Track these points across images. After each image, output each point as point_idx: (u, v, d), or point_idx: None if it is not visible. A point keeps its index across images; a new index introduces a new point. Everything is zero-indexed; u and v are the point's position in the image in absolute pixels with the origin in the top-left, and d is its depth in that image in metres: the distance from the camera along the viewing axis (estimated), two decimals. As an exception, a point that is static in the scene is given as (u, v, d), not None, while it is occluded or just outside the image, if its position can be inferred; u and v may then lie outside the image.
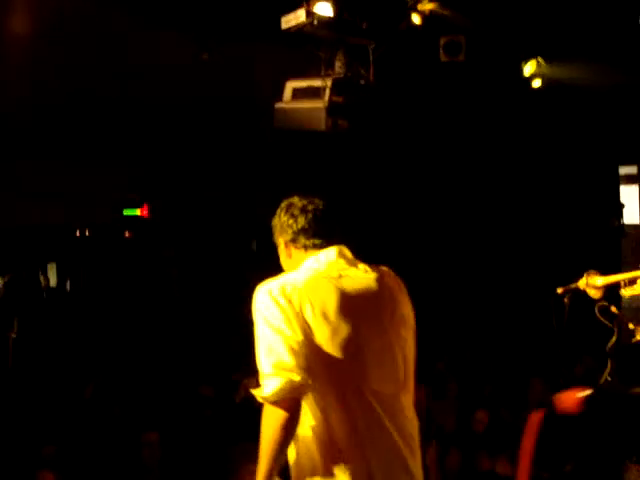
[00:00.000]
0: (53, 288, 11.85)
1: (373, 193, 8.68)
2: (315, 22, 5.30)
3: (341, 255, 2.95)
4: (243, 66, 6.59)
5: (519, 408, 6.84)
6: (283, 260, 3.05)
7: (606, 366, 4.60)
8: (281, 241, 3.02)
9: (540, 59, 8.44)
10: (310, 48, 5.48)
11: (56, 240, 9.95)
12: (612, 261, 10.06)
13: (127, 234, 9.50)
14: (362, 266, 2.98)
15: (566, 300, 4.81)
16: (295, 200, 3.00)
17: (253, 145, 7.38)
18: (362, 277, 2.95)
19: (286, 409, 2.71)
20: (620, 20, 7.55)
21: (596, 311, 4.77)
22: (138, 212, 8.56)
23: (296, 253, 2.99)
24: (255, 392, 2.79)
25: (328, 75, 5.35)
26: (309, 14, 5.33)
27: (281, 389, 2.70)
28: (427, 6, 7.60)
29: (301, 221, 2.95)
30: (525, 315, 8.53)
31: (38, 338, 9.22)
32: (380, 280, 2.97)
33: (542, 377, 7.27)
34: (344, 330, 2.82)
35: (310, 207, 2.96)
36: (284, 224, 2.99)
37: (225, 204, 8.92)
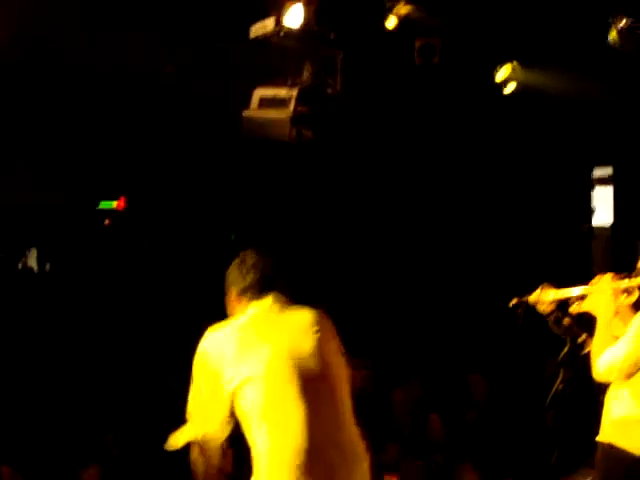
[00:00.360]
0: (33, 271, 12.02)
1: (341, 201, 8.79)
2: (282, 33, 5.40)
3: (276, 300, 3.35)
4: (216, 68, 6.70)
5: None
6: (231, 307, 3.44)
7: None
8: (232, 290, 3.41)
9: (515, 63, 8.55)
10: (278, 57, 5.57)
11: (36, 226, 10.08)
12: (583, 263, 10.22)
13: (107, 222, 9.61)
14: (295, 308, 3.37)
15: (519, 311, 4.96)
16: (248, 256, 3.41)
17: (228, 141, 7.46)
18: (295, 317, 3.35)
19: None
20: (593, 27, 7.64)
21: (549, 322, 4.94)
22: (114, 204, 8.69)
23: (243, 303, 3.38)
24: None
25: (295, 85, 5.44)
26: (277, 24, 5.42)
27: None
28: (402, 10, 7.69)
29: (249, 278, 3.35)
30: (487, 318, 8.67)
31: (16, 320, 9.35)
32: (311, 319, 3.34)
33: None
34: (281, 366, 3.17)
35: (260, 265, 3.38)
36: (236, 277, 3.39)
37: (204, 196, 9.03)
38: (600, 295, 4.35)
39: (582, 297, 4.61)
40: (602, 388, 4.45)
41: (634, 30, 7.04)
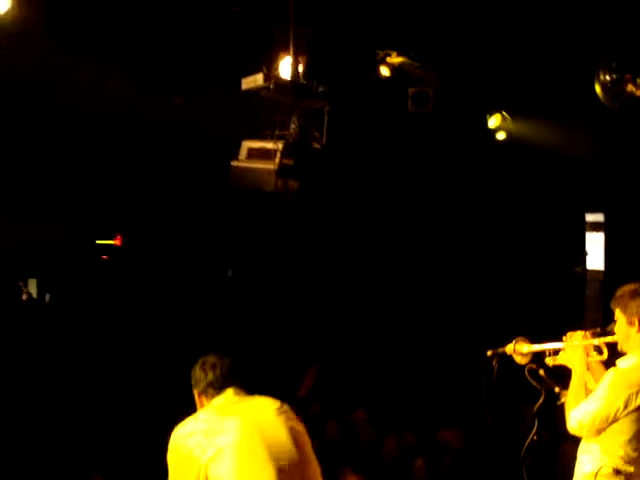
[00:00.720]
0: (34, 300, 12.21)
1: (329, 246, 8.89)
2: (272, 86, 5.59)
3: (237, 393, 3.58)
4: (210, 113, 6.90)
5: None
6: (198, 406, 3.67)
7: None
8: (195, 392, 3.66)
9: (505, 113, 8.73)
10: (267, 110, 5.76)
11: (36, 259, 10.27)
12: (576, 306, 10.34)
13: (104, 257, 9.78)
14: (256, 399, 3.59)
15: (494, 363, 5.08)
16: (209, 358, 3.66)
17: (223, 184, 7.62)
18: (259, 401, 3.59)
19: None
20: (580, 80, 7.81)
21: (525, 373, 5.06)
22: (112, 242, 8.90)
23: (206, 401, 3.62)
24: None
25: (282, 137, 5.62)
26: (267, 78, 5.61)
27: None
28: (395, 59, 7.90)
29: (209, 376, 3.60)
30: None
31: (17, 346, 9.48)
32: (276, 404, 3.56)
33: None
34: (251, 435, 3.40)
35: (219, 364, 3.62)
36: (198, 378, 3.65)
37: (201, 233, 9.17)
38: (572, 351, 4.48)
39: (556, 352, 4.73)
40: (576, 440, 4.55)
41: (618, 86, 7.15)
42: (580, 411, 4.22)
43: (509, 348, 5.19)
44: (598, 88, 7.25)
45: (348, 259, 8.96)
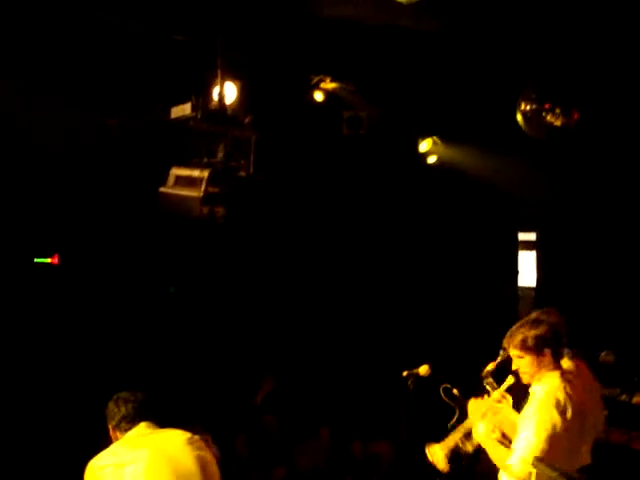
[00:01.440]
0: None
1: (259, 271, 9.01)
2: (199, 116, 5.77)
3: (149, 426, 3.81)
4: (145, 138, 7.04)
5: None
6: (112, 440, 3.86)
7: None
8: (109, 426, 3.87)
9: (436, 138, 9.02)
10: (193, 138, 5.93)
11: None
12: (509, 322, 10.60)
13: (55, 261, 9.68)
14: (166, 431, 3.82)
15: (410, 384, 5.30)
16: (122, 394, 3.89)
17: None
18: (170, 433, 3.83)
19: None
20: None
21: (440, 392, 5.30)
22: (49, 260, 8.94)
23: (120, 435, 3.84)
24: None
25: (209, 165, 5.80)
26: (195, 107, 5.79)
27: None
28: (329, 85, 8.13)
29: (122, 410, 3.83)
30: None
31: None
32: (186, 436, 3.80)
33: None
34: (160, 465, 3.64)
35: (132, 398, 3.86)
36: (112, 412, 3.88)
37: (139, 251, 9.22)
38: (482, 438, 4.58)
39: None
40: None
41: (538, 116, 7.42)
42: (518, 455, 4.23)
43: (423, 369, 5.46)
44: (519, 118, 7.54)
45: (273, 283, 9.09)
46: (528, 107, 7.43)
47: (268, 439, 8.00)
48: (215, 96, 6.12)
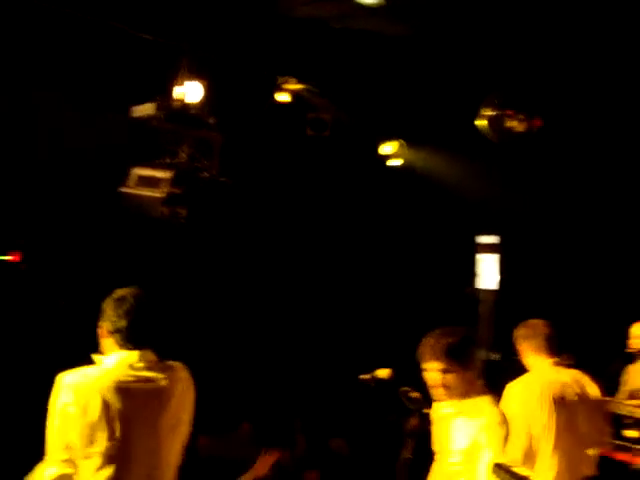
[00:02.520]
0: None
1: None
2: (162, 115, 5.76)
3: (141, 359, 3.39)
4: (109, 136, 7.00)
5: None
6: (100, 340, 3.51)
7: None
8: (103, 326, 3.47)
9: (401, 141, 9.10)
10: (157, 138, 5.91)
11: None
12: (470, 324, 10.72)
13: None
14: (157, 371, 3.42)
15: (372, 384, 5.35)
16: (126, 297, 3.41)
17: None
18: (151, 382, 3.42)
19: None
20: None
21: (399, 394, 5.34)
22: (9, 258, 8.84)
23: (109, 342, 3.44)
24: None
25: (172, 166, 5.78)
26: (159, 107, 5.78)
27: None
28: (294, 86, 8.15)
29: (122, 322, 3.38)
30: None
31: None
32: (168, 388, 3.45)
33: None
34: (117, 428, 3.27)
35: (133, 311, 3.38)
36: (110, 317, 3.43)
37: (103, 250, 9.17)
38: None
39: None
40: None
41: (500, 121, 7.54)
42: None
43: (382, 372, 5.50)
44: (482, 123, 7.65)
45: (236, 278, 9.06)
46: (490, 113, 7.54)
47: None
48: (180, 96, 6.10)
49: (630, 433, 6.43)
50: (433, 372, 4.15)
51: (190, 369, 3.61)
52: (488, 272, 11.15)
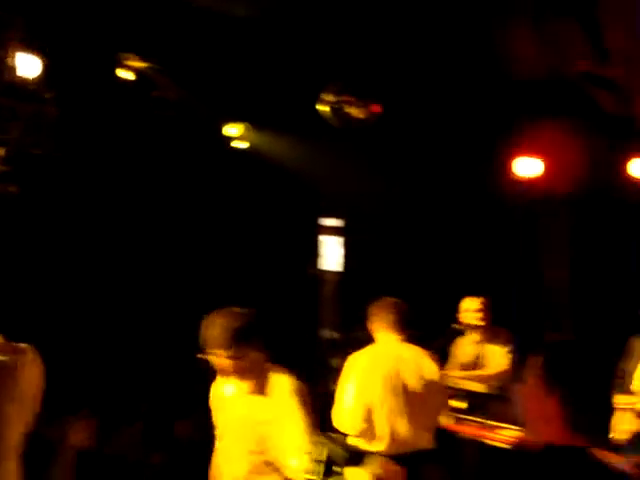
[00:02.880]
0: None
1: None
2: (-6, 88, 5.52)
3: None
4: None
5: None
6: None
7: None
8: None
9: (247, 124, 9.14)
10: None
11: None
12: (311, 304, 10.93)
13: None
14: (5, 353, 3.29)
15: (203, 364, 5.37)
16: None
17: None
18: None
19: None
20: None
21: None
22: None
23: None
24: None
25: (2, 143, 5.55)
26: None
27: None
28: (136, 63, 8.01)
29: None
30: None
31: None
32: (16, 369, 3.34)
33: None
34: None
35: None
36: None
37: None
38: None
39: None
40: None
41: (341, 107, 7.72)
42: None
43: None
44: (324, 108, 7.82)
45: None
46: (331, 98, 7.72)
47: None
48: (14, 69, 5.87)
49: (458, 404, 6.81)
50: (221, 359, 4.12)
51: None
52: (331, 254, 11.44)
